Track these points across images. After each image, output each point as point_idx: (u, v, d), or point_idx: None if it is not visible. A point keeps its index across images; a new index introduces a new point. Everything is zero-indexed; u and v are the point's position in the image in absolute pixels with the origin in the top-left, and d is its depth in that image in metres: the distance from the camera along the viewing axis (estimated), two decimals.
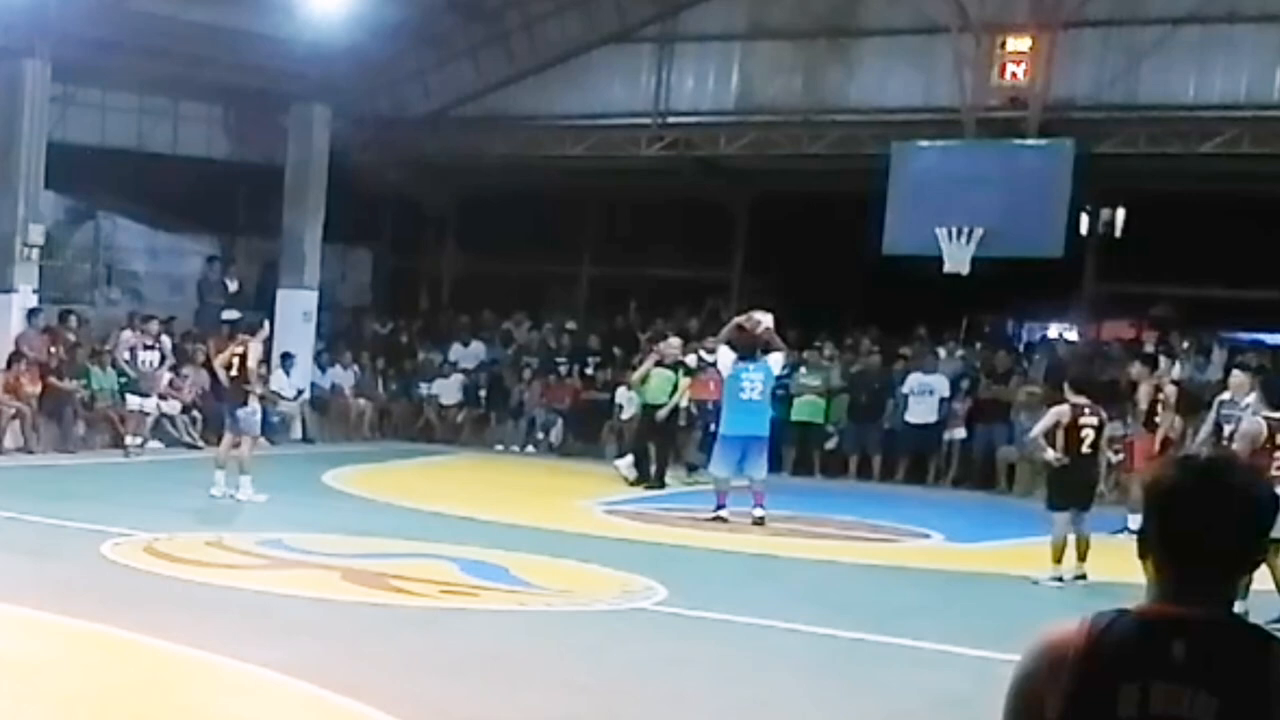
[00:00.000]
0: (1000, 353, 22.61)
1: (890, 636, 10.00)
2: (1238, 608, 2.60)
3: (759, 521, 15.32)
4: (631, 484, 18.74)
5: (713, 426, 17.69)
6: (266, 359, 18.43)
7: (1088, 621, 2.53)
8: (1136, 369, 17.21)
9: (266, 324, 16.85)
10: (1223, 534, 2.51)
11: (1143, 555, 2.58)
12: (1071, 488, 12.58)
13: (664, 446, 19.21)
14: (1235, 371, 14.37)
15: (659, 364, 19.12)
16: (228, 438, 15.86)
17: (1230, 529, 2.51)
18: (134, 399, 20.16)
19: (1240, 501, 2.52)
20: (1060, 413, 12.66)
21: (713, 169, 24.40)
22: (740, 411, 15.65)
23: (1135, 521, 11.03)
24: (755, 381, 15.58)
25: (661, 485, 18.77)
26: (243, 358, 15.65)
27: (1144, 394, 16.47)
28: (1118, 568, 13.23)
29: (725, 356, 16.11)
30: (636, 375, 19.72)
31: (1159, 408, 16.29)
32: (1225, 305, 23.05)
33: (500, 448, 23.43)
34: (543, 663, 8.94)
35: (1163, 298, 23.18)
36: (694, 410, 19.56)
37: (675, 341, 19.53)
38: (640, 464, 19.08)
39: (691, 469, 19.58)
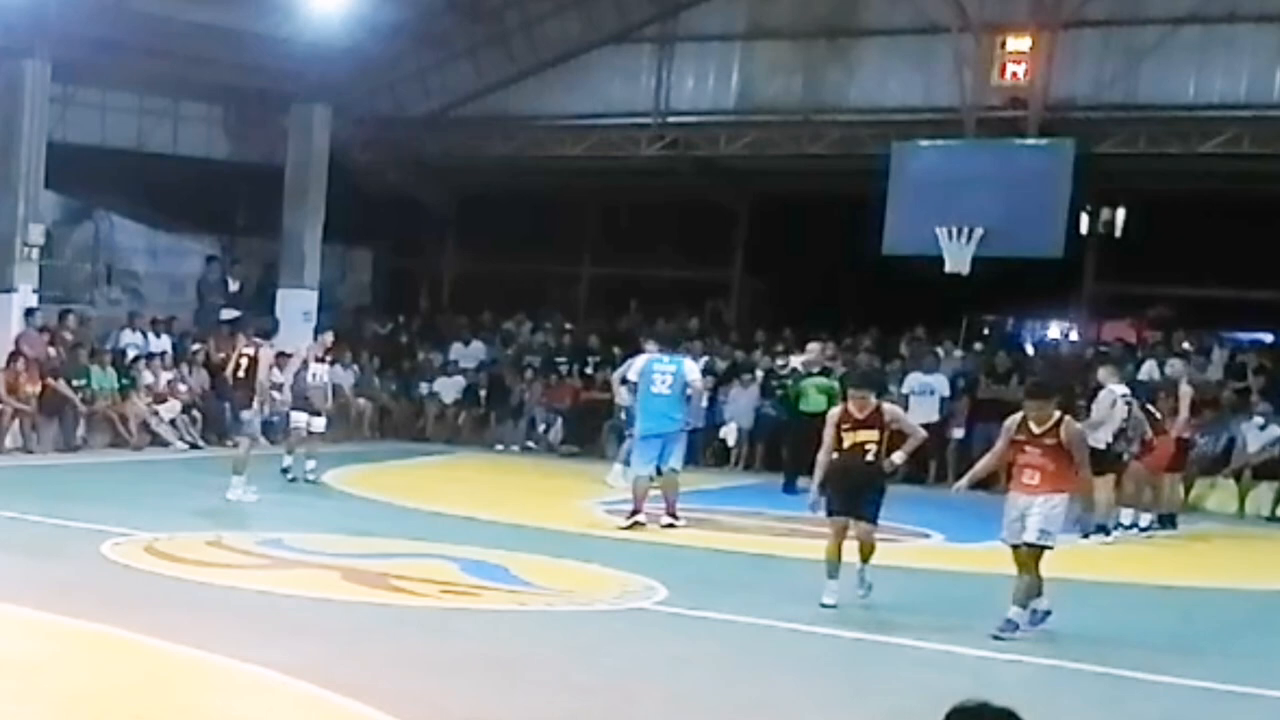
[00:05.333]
0: (1000, 353, 22.57)
1: (891, 636, 10.01)
2: None
3: (669, 527, 14.66)
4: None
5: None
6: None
7: None
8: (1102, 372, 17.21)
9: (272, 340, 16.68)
10: None
11: None
12: None
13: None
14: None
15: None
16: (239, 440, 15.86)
17: None
18: (300, 416, 17.57)
19: None
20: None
21: (713, 169, 24.40)
22: (651, 409, 14.82)
23: (1128, 517, 11.09)
24: (666, 375, 14.92)
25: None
26: (252, 360, 15.64)
27: (1184, 394, 16.71)
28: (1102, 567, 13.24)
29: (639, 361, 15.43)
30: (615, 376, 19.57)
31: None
32: (1225, 305, 23.05)
33: (500, 447, 23.42)
34: (543, 663, 8.93)
35: (1163, 298, 23.17)
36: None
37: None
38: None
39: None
